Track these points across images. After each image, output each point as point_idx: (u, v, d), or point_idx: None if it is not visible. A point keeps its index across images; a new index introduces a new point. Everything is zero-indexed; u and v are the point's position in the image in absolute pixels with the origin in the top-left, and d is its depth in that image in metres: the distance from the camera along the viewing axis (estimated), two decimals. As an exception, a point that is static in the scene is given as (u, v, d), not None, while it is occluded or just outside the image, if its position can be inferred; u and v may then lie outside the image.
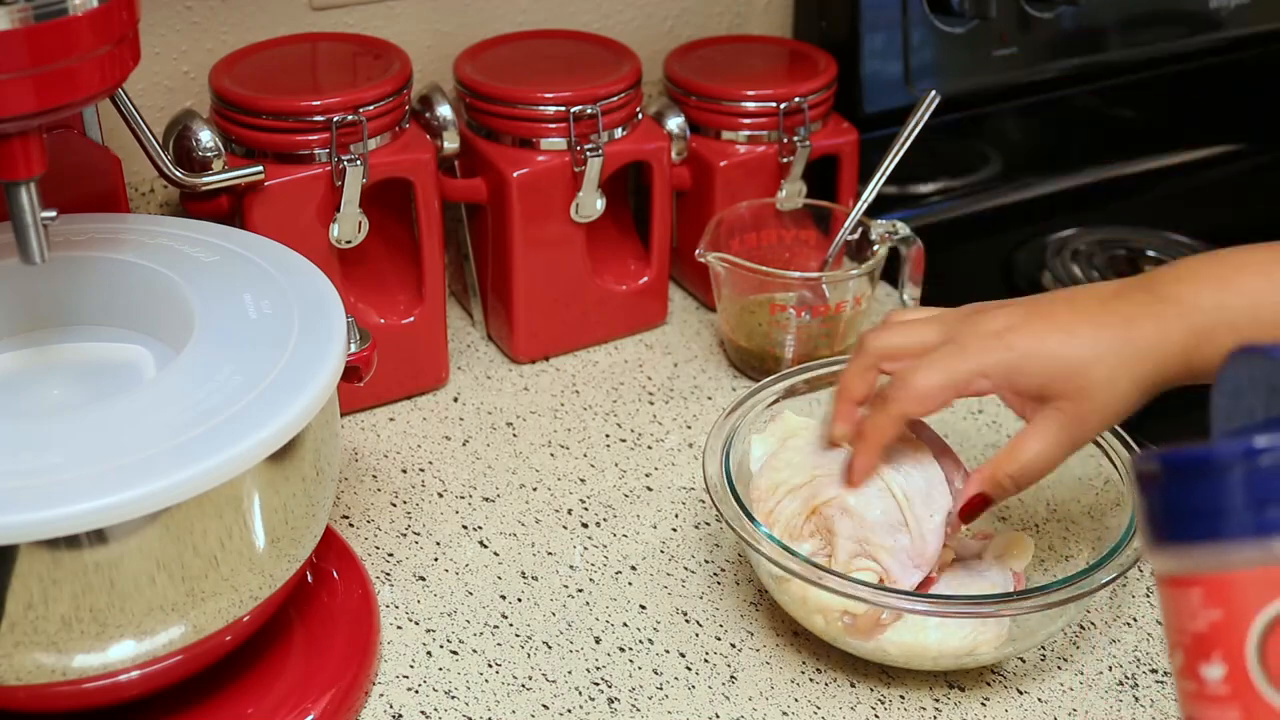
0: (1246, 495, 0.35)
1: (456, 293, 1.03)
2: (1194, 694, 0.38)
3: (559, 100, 0.90)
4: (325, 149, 0.82)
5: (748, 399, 0.78)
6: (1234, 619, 0.36)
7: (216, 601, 0.59)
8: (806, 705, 0.69)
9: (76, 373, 0.68)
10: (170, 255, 0.69)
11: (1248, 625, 0.36)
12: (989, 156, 1.18)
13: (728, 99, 0.98)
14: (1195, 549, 0.37)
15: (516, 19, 1.03)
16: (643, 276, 0.99)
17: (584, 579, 0.77)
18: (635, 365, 0.97)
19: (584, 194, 0.92)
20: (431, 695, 0.69)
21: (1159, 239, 1.17)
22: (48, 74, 0.57)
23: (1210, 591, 0.37)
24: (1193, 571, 0.37)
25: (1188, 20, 1.23)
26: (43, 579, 0.54)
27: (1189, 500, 0.37)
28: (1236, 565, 0.36)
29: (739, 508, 0.69)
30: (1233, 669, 0.36)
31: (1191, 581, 0.37)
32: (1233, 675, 0.36)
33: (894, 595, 0.66)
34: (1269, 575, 0.36)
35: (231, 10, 0.93)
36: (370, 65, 0.88)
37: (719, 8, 1.11)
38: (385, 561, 0.78)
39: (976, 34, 1.10)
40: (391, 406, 0.92)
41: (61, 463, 0.54)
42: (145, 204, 0.93)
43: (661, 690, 0.70)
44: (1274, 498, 0.35)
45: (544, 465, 0.87)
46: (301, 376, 0.60)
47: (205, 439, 0.56)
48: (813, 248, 0.99)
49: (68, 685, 0.58)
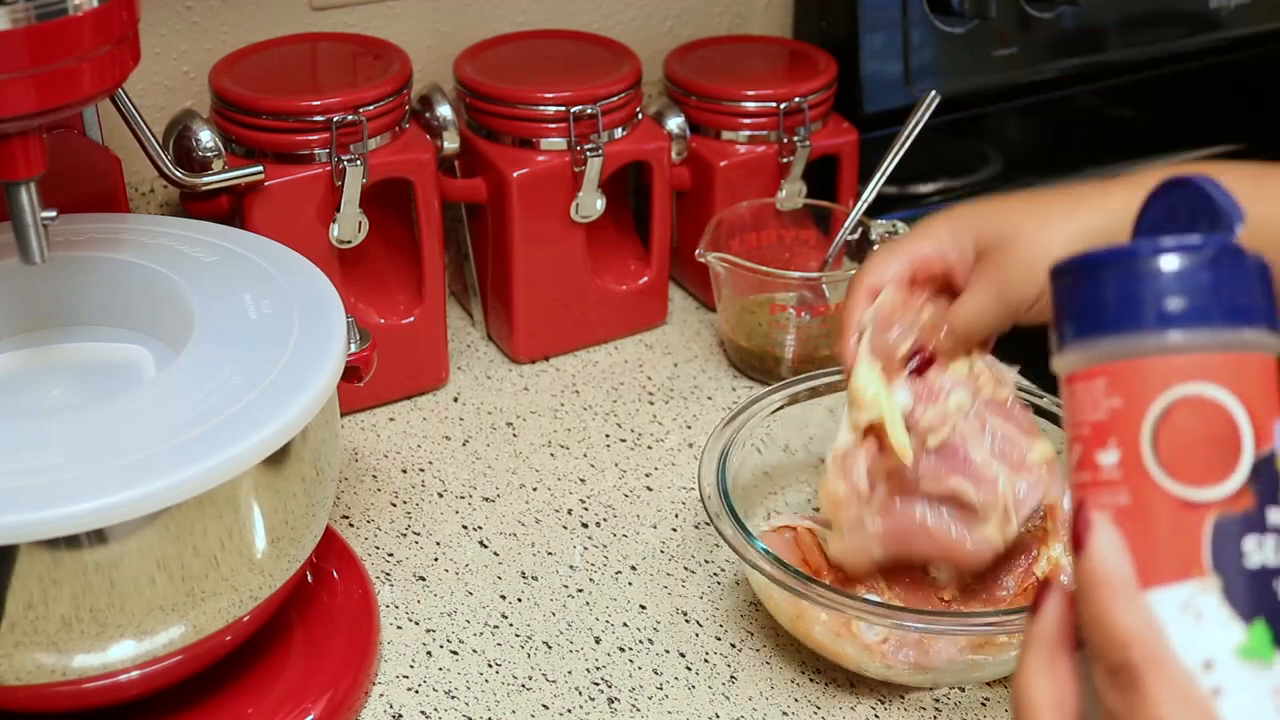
0: (1152, 289, 0.38)
1: (456, 293, 1.03)
2: (1086, 484, 0.40)
3: (559, 100, 0.90)
4: (325, 149, 0.82)
5: (745, 409, 0.77)
6: (1132, 404, 0.39)
7: (216, 601, 0.59)
8: (806, 705, 0.69)
9: (76, 373, 0.68)
10: (170, 255, 0.69)
11: (1145, 410, 0.39)
12: (989, 156, 1.18)
13: (728, 99, 0.98)
14: (1103, 341, 0.39)
15: (516, 19, 1.03)
16: (643, 276, 0.99)
17: (584, 579, 0.77)
18: (635, 365, 0.97)
19: (584, 194, 0.92)
20: (431, 695, 0.69)
21: (1159, 239, 1.16)
22: (48, 74, 0.57)
23: (1113, 379, 0.39)
24: (1099, 362, 0.40)
25: (1188, 20, 1.23)
26: (43, 579, 0.54)
27: (1100, 294, 0.39)
28: (1139, 354, 0.39)
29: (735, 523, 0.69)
30: (1127, 453, 0.39)
31: (1097, 373, 0.40)
32: (1126, 459, 0.39)
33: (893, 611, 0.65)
34: (1167, 364, 0.38)
35: (231, 10, 0.93)
36: (370, 65, 0.88)
37: (719, 8, 1.11)
38: (385, 561, 0.78)
39: (976, 34, 1.10)
40: (391, 406, 0.92)
41: (61, 463, 0.54)
42: (145, 204, 0.93)
43: (661, 690, 0.70)
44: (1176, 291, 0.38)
45: (544, 465, 0.87)
46: (301, 376, 0.60)
47: (205, 439, 0.56)
48: (813, 248, 1.00)
49: (68, 685, 0.58)
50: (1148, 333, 0.39)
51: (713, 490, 0.71)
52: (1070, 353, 0.41)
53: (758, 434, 0.77)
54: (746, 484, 0.77)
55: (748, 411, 0.77)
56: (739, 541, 0.68)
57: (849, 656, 0.68)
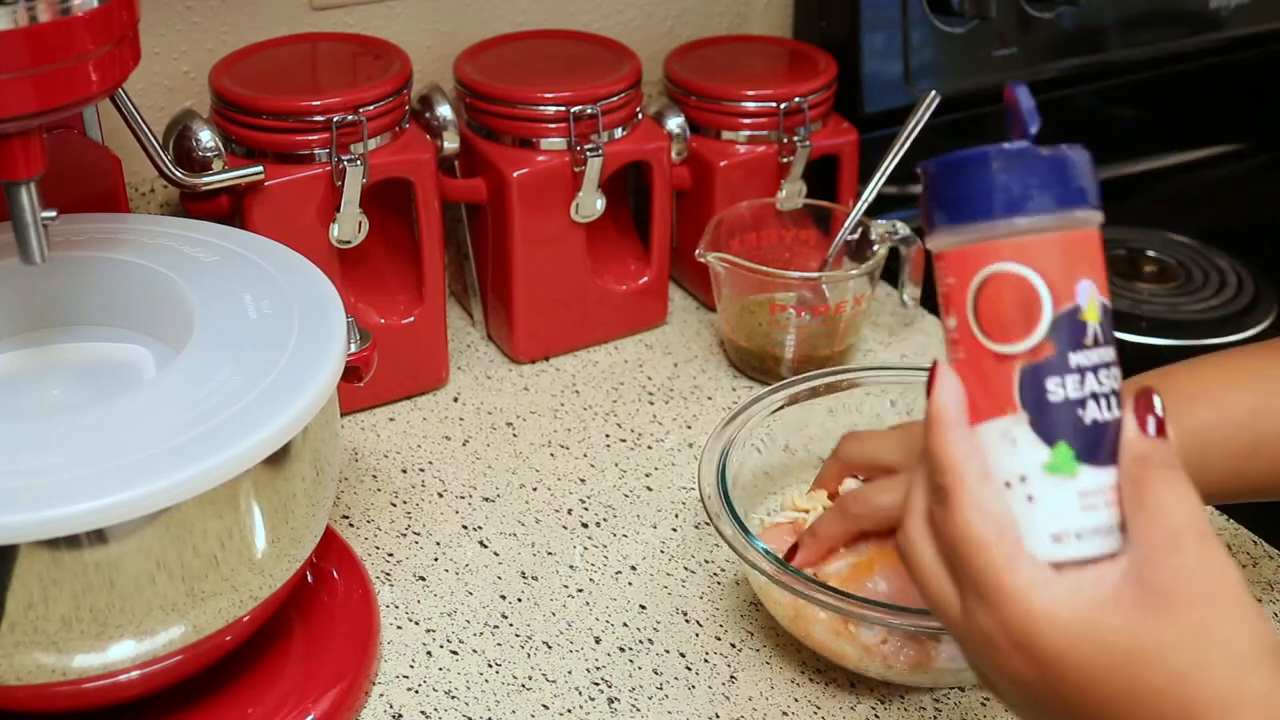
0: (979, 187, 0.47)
1: (456, 293, 1.03)
2: (946, 340, 0.50)
3: (559, 100, 0.90)
4: (325, 149, 0.82)
5: (745, 409, 0.77)
6: (961, 281, 0.48)
7: (216, 601, 0.59)
8: (806, 705, 0.69)
9: (76, 373, 0.68)
10: (170, 255, 0.69)
11: (968, 285, 0.48)
12: (989, 156, 1.18)
13: (728, 99, 0.98)
14: (945, 230, 0.48)
15: (516, 19, 1.03)
16: (643, 276, 0.99)
17: (584, 579, 0.77)
18: (635, 365, 0.97)
19: (584, 194, 0.92)
20: (431, 695, 0.69)
21: (1159, 239, 1.17)
22: (48, 74, 0.57)
23: (949, 262, 0.49)
24: (942, 248, 0.49)
25: (1188, 20, 1.23)
26: (43, 579, 0.54)
27: (949, 191, 0.48)
28: (965, 242, 0.48)
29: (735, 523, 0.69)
30: (959, 319, 0.49)
31: (941, 256, 0.49)
32: (959, 326, 0.49)
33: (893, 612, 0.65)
34: (983, 249, 0.47)
35: (231, 10, 0.93)
36: (370, 65, 0.88)
37: (719, 8, 1.11)
38: (385, 561, 0.78)
39: (976, 34, 1.10)
40: (391, 406, 0.92)
41: (61, 463, 0.54)
42: (145, 204, 0.93)
43: (661, 690, 0.70)
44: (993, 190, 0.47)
45: (544, 465, 0.87)
46: (301, 376, 0.60)
47: (205, 439, 0.56)
48: (813, 248, 0.99)
49: (68, 685, 0.58)
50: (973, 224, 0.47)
51: (713, 490, 0.71)
52: (931, 239, 0.49)
53: (758, 434, 0.77)
54: (746, 484, 0.77)
55: (748, 411, 0.77)
56: (739, 541, 0.68)
57: (849, 656, 0.68)
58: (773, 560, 0.67)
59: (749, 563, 0.67)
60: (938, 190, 0.49)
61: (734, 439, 0.75)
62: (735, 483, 0.73)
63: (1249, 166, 1.31)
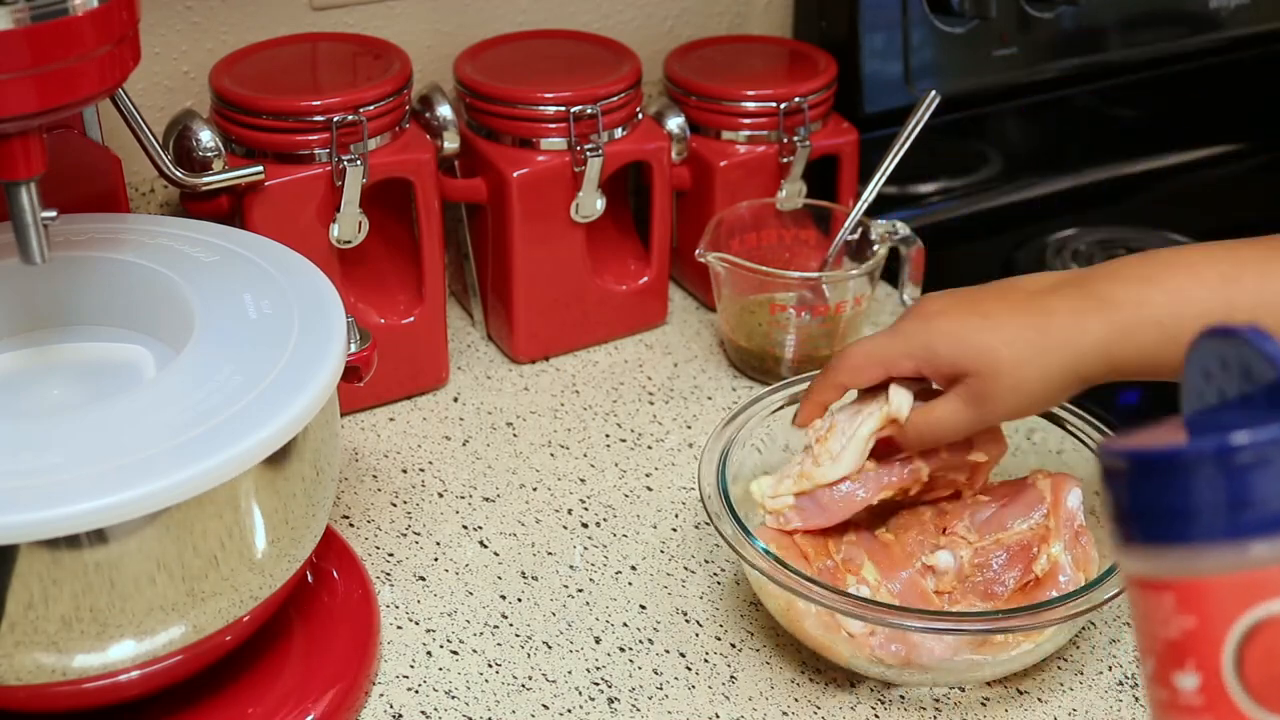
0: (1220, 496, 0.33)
1: (456, 293, 1.03)
2: (1166, 702, 0.35)
3: (559, 100, 0.90)
4: (325, 149, 0.82)
5: (745, 409, 0.77)
6: (1209, 627, 0.34)
7: (216, 601, 0.59)
8: (806, 705, 0.69)
9: (76, 373, 0.68)
10: (170, 255, 0.69)
11: (1224, 634, 0.33)
12: (989, 156, 1.18)
13: (728, 99, 0.98)
14: (1167, 551, 0.34)
15: (516, 19, 1.03)
16: (643, 276, 0.99)
17: (584, 579, 0.77)
18: (635, 365, 0.97)
19: (584, 194, 0.92)
20: (431, 695, 0.69)
21: (1159, 239, 1.16)
22: (48, 74, 0.57)
23: (1183, 598, 0.34)
24: (1165, 575, 0.34)
25: (1188, 20, 1.23)
26: (43, 579, 0.54)
27: (1159, 500, 0.34)
28: (1211, 570, 0.33)
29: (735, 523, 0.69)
30: (1207, 679, 0.34)
31: (1164, 586, 0.34)
32: (1207, 685, 0.34)
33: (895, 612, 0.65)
34: (1246, 581, 0.33)
35: (231, 10, 0.93)
36: (370, 65, 0.88)
37: (719, 8, 1.11)
38: (385, 561, 0.78)
39: (976, 34, 1.10)
40: (391, 406, 0.92)
41: (61, 463, 0.54)
42: (145, 204, 0.93)
43: (661, 690, 0.70)
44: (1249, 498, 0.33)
45: (544, 465, 0.87)
46: (301, 376, 0.60)
47: (205, 439, 0.56)
48: (813, 248, 0.99)
49: (68, 685, 0.58)
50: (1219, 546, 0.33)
51: (713, 490, 0.71)
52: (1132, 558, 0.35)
53: (758, 434, 0.77)
54: (746, 484, 0.77)
55: (748, 411, 0.77)
56: (738, 541, 0.68)
57: (840, 651, 0.68)
58: (772, 560, 0.67)
59: (748, 562, 0.67)
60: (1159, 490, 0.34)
61: (734, 439, 0.75)
62: (735, 483, 0.73)
63: (1249, 166, 1.31)
